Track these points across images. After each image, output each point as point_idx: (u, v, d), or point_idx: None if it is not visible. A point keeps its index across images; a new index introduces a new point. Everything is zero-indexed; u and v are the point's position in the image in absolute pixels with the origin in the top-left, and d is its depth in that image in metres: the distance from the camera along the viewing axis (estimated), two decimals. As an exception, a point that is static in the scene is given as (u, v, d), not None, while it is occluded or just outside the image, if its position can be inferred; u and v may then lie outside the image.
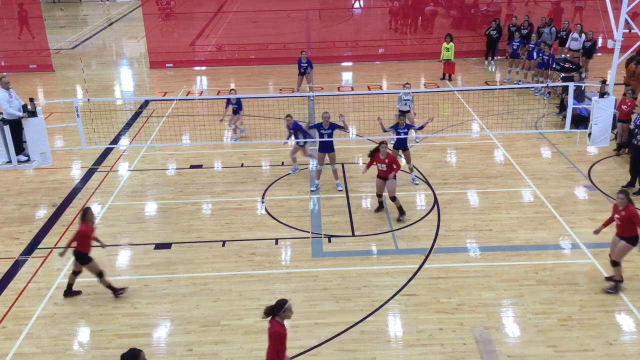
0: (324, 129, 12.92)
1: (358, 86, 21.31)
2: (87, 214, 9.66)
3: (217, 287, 10.22)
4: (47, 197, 13.52)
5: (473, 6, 27.77)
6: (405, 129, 13.16)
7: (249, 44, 26.57)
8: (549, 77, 18.99)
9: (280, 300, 7.04)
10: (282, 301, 7.02)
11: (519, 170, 14.22)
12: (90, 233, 9.65)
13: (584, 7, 25.80)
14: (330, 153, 13.16)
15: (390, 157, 11.88)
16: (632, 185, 12.95)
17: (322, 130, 12.95)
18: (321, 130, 12.96)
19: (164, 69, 24.29)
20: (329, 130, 12.93)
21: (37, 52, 25.73)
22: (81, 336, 9.20)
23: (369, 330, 9.15)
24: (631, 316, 9.30)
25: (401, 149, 13.40)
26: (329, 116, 12.89)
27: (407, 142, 13.40)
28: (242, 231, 11.93)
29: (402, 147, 13.35)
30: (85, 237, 9.58)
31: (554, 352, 8.61)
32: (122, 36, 31.52)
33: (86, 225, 9.58)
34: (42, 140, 12.29)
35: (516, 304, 9.63)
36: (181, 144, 16.19)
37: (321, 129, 12.96)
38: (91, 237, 9.70)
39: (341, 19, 30.90)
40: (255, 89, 21.09)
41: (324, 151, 13.15)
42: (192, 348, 8.88)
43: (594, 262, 10.64)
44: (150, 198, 13.46)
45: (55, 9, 39.32)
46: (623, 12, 12.28)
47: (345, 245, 11.36)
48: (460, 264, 10.72)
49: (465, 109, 18.34)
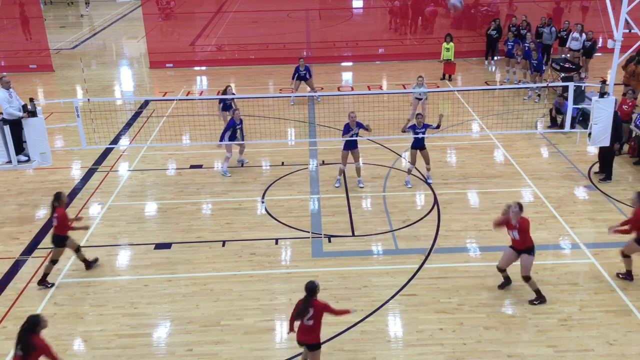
0: (352, 129, 12.92)
1: (358, 86, 21.30)
2: (60, 197, 10.08)
3: (217, 287, 10.22)
4: (47, 197, 13.49)
5: (473, 6, 27.77)
6: (423, 128, 13.12)
7: (249, 44, 26.57)
8: (541, 80, 18.95)
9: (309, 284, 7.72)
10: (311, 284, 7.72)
11: (519, 170, 14.22)
12: (66, 215, 10.04)
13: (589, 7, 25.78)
14: (354, 150, 13.18)
15: (524, 223, 9.24)
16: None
17: (350, 130, 12.94)
18: (350, 131, 12.96)
19: (164, 69, 24.29)
20: (357, 130, 12.95)
21: (37, 52, 25.73)
22: (81, 336, 9.20)
23: (369, 330, 9.15)
24: (631, 316, 9.30)
25: (419, 149, 13.35)
26: (355, 116, 12.89)
27: (425, 142, 13.32)
28: (242, 231, 11.93)
29: (420, 147, 13.32)
30: (63, 219, 9.92)
31: (554, 352, 8.61)
32: (122, 36, 31.53)
33: (62, 208, 9.97)
34: (42, 140, 12.30)
35: (516, 304, 9.63)
36: (181, 144, 16.19)
37: (350, 129, 12.93)
38: (68, 219, 10.03)
39: (341, 19, 30.89)
40: (255, 89, 21.10)
41: (349, 149, 13.16)
42: (192, 348, 8.88)
43: (594, 262, 10.64)
44: (150, 198, 13.46)
45: (68, 9, 39.30)
46: (623, 12, 12.27)
47: (345, 245, 11.36)
48: (460, 264, 10.72)
49: (465, 109, 18.34)
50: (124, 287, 10.27)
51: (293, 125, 17.40)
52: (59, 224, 9.97)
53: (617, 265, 10.49)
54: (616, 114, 13.15)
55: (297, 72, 19.02)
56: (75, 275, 10.65)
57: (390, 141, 15.72)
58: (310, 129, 17.11)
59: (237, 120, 13.98)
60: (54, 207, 10.01)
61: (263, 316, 9.49)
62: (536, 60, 18.80)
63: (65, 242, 10.19)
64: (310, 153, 15.49)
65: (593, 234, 11.60)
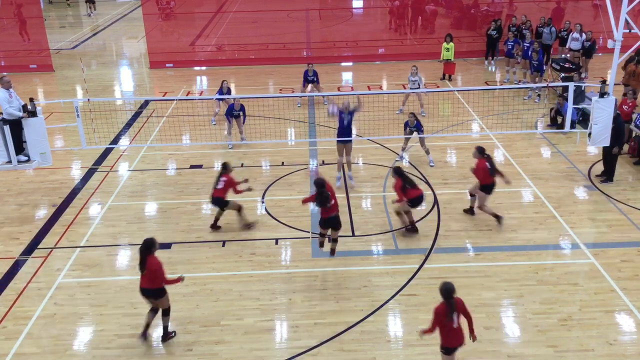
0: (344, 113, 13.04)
1: (358, 86, 21.29)
2: (227, 166, 11.68)
3: (217, 287, 10.22)
4: (47, 197, 13.52)
5: (473, 6, 27.77)
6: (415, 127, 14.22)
7: (249, 44, 26.57)
8: (541, 80, 18.92)
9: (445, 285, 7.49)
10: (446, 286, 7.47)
11: (519, 170, 14.22)
12: (234, 180, 11.68)
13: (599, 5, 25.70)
14: (347, 144, 13.26)
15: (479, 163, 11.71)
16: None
17: (342, 115, 13.03)
18: (342, 115, 13.03)
19: (164, 69, 24.28)
20: (349, 117, 13.04)
21: (37, 52, 25.73)
22: (81, 336, 9.20)
23: (369, 330, 9.15)
24: (631, 316, 9.31)
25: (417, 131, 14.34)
26: (348, 103, 13.08)
27: (420, 125, 14.27)
28: (242, 231, 11.93)
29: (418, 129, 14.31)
30: (231, 183, 11.58)
31: (554, 352, 8.62)
32: (122, 36, 31.52)
33: (228, 175, 11.62)
34: (42, 140, 12.28)
35: (516, 304, 9.64)
36: (181, 143, 16.20)
37: (342, 113, 13.05)
38: (235, 183, 11.62)
39: (341, 19, 30.88)
40: (255, 89, 21.09)
41: (343, 142, 13.22)
42: (192, 348, 8.88)
43: (594, 262, 10.64)
44: (150, 198, 13.46)
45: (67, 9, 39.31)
46: (623, 12, 12.27)
47: (345, 245, 11.35)
48: (460, 264, 10.72)
49: (465, 109, 18.34)
50: (124, 287, 10.27)
51: (293, 125, 17.40)
52: (225, 187, 11.44)
53: (617, 265, 10.52)
54: (618, 116, 13.14)
55: (305, 78, 19.03)
56: (75, 275, 10.66)
57: (390, 141, 15.71)
58: (310, 129, 17.11)
59: (236, 106, 15.58)
60: (221, 173, 11.52)
61: (263, 316, 9.49)
62: (537, 61, 18.80)
63: (226, 204, 11.62)
64: (310, 153, 15.50)
65: (593, 234, 11.61)
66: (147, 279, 8.56)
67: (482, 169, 11.50)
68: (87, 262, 11.03)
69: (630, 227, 11.76)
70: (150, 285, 8.60)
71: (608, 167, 13.45)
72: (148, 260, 8.48)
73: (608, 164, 13.43)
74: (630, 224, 11.84)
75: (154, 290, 8.65)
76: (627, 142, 14.74)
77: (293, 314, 9.52)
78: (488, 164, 11.48)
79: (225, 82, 16.61)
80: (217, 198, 11.62)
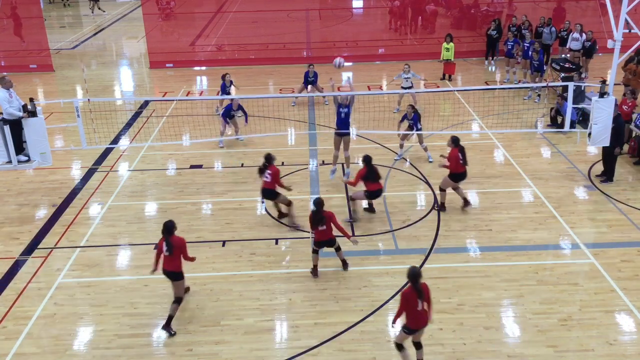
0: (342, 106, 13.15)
1: (358, 86, 21.28)
2: (272, 157, 11.75)
3: (217, 287, 10.22)
4: (47, 197, 13.52)
5: (473, 6, 27.77)
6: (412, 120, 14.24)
7: (249, 44, 26.57)
8: (541, 80, 18.91)
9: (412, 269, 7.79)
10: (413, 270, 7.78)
11: (519, 170, 14.21)
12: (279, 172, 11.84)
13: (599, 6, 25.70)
14: (346, 137, 13.38)
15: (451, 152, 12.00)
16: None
17: (340, 108, 13.16)
18: (340, 109, 13.15)
19: (164, 69, 24.28)
20: (346, 109, 13.17)
21: (37, 52, 25.73)
22: (81, 336, 9.20)
23: (369, 330, 9.15)
24: (631, 316, 9.31)
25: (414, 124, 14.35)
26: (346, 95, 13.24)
27: (418, 118, 14.34)
28: (242, 231, 11.93)
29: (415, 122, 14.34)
30: (276, 175, 11.62)
31: (554, 352, 8.62)
32: (122, 36, 31.52)
33: (274, 166, 11.72)
34: (42, 140, 12.27)
35: (516, 304, 9.64)
36: (181, 142, 16.19)
37: (340, 107, 13.17)
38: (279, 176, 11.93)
39: (341, 19, 30.88)
40: (255, 89, 21.08)
41: (340, 135, 13.37)
42: (192, 348, 8.88)
43: (594, 262, 10.64)
44: (150, 198, 13.46)
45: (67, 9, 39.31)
46: (623, 12, 12.27)
47: (345, 245, 11.34)
48: (460, 264, 10.72)
49: (465, 109, 18.34)
50: (124, 287, 10.28)
51: (293, 126, 17.39)
52: (272, 179, 11.50)
53: (617, 265, 10.52)
54: (619, 116, 13.15)
55: (306, 79, 19.04)
56: (75, 275, 10.66)
57: (390, 141, 15.71)
58: (310, 129, 17.11)
59: (234, 106, 15.65)
60: (266, 165, 11.54)
61: (263, 316, 9.49)
62: (538, 61, 18.80)
63: (277, 195, 11.72)
64: (310, 153, 15.49)
65: (593, 234, 11.61)
66: (169, 259, 8.99)
67: (454, 158, 11.89)
68: (87, 262, 11.04)
69: (630, 227, 11.76)
70: (172, 268, 9.06)
71: (608, 167, 13.46)
72: (172, 240, 8.95)
73: (608, 164, 13.43)
74: (630, 224, 11.85)
75: (175, 273, 9.11)
76: (627, 142, 14.75)
77: (293, 314, 9.52)
78: (460, 154, 11.90)
79: (228, 75, 16.72)
80: (266, 190, 11.72)
